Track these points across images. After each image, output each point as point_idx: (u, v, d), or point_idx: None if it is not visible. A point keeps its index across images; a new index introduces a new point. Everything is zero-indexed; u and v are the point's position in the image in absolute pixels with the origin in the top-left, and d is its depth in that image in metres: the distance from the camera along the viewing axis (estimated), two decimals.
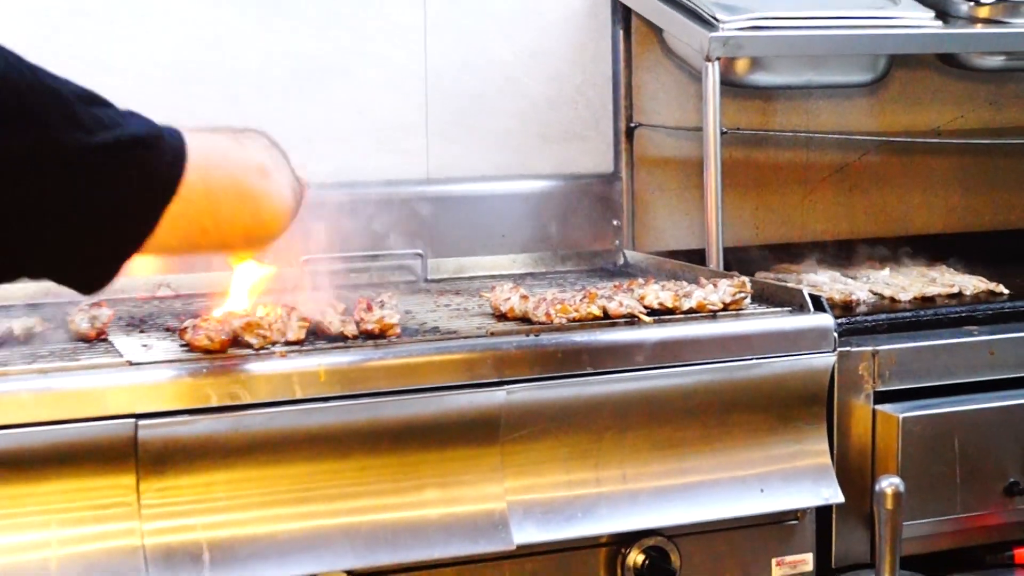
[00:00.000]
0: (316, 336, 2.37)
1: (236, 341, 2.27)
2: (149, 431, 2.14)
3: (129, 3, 3.03)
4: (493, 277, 3.09)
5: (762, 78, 3.33)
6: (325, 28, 3.15)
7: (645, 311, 2.53)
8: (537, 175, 3.32)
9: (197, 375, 2.18)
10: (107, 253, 1.76)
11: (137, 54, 3.03)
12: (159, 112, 2.93)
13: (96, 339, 2.42)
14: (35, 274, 1.78)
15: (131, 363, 2.22)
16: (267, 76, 3.11)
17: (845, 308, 2.87)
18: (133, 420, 2.13)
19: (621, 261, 3.30)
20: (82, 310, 2.47)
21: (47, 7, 2.98)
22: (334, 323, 2.38)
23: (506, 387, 2.34)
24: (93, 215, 1.70)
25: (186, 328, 2.30)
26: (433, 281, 3.10)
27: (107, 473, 2.15)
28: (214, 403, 2.16)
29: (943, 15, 3.22)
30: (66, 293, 2.81)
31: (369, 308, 2.42)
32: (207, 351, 2.24)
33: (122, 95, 2.91)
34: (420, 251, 3.12)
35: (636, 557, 2.45)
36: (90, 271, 1.78)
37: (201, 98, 3.05)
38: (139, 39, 3.03)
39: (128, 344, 2.37)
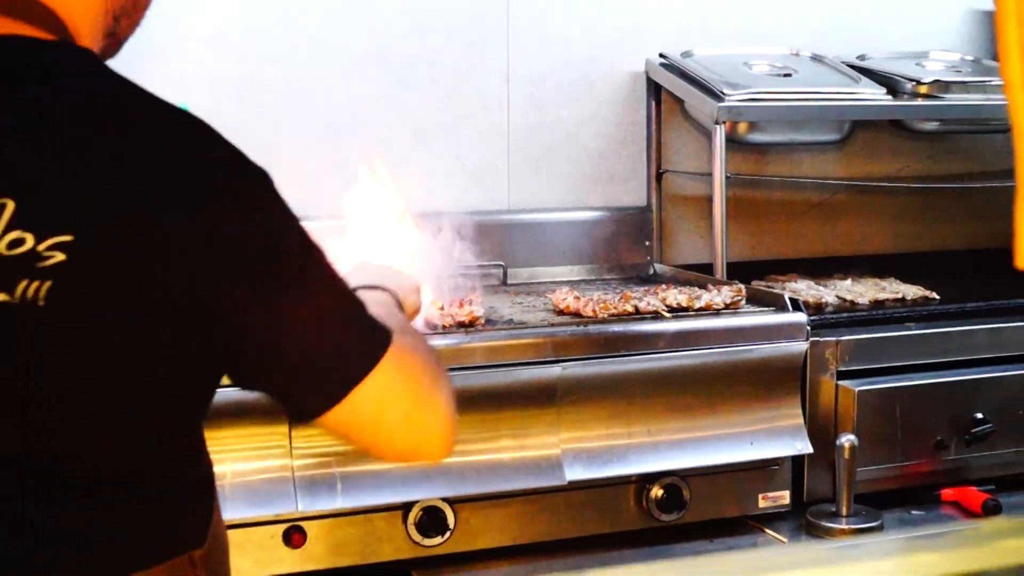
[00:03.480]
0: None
1: None
2: None
3: (295, 81, 3.05)
4: (555, 283, 3.09)
5: (757, 137, 3.31)
6: (433, 97, 3.17)
7: (666, 309, 2.53)
8: (590, 207, 3.31)
9: None
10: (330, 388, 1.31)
11: (305, 120, 3.05)
12: (313, 160, 2.98)
13: None
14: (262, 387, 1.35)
15: None
16: (391, 132, 3.12)
17: (817, 308, 2.86)
18: None
19: (651, 272, 3.28)
20: None
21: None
22: (434, 315, 2.39)
23: (561, 364, 2.35)
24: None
25: None
26: (511, 285, 3.09)
27: (268, 424, 2.19)
28: None
29: (893, 91, 3.20)
30: None
31: (460, 305, 2.44)
32: None
33: (282, 150, 2.97)
34: (502, 263, 3.11)
35: (656, 491, 2.46)
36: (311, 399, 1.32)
37: (339, 146, 3.00)
38: (305, 110, 3.06)
39: None
